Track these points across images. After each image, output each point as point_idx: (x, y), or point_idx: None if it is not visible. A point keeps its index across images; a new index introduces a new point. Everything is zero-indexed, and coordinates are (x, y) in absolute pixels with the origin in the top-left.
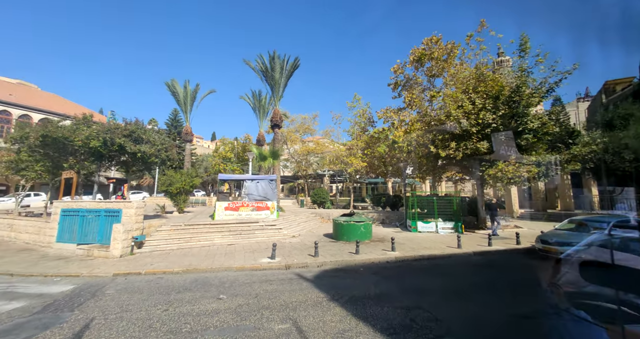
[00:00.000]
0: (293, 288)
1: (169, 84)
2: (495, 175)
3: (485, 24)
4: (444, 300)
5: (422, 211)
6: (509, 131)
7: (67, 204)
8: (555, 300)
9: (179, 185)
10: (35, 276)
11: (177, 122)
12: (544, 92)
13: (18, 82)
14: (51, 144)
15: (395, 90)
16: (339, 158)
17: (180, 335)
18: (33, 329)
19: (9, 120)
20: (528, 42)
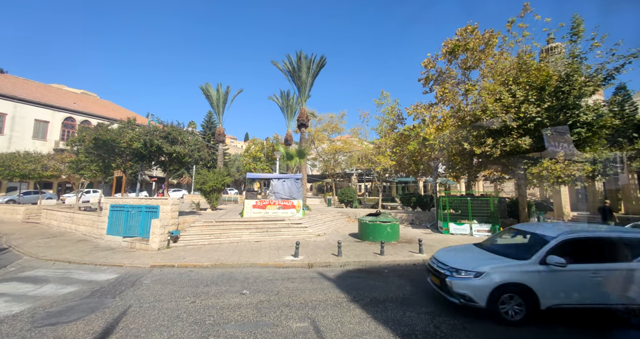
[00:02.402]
0: (314, 286)
1: (203, 88)
2: (540, 174)
3: (529, 8)
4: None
5: (455, 211)
6: (557, 125)
7: (115, 200)
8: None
9: (211, 183)
10: (88, 265)
11: (212, 123)
12: (600, 80)
13: (82, 91)
14: (102, 146)
15: (426, 85)
16: (366, 157)
17: (204, 327)
18: (81, 312)
19: (73, 126)
20: (581, 24)
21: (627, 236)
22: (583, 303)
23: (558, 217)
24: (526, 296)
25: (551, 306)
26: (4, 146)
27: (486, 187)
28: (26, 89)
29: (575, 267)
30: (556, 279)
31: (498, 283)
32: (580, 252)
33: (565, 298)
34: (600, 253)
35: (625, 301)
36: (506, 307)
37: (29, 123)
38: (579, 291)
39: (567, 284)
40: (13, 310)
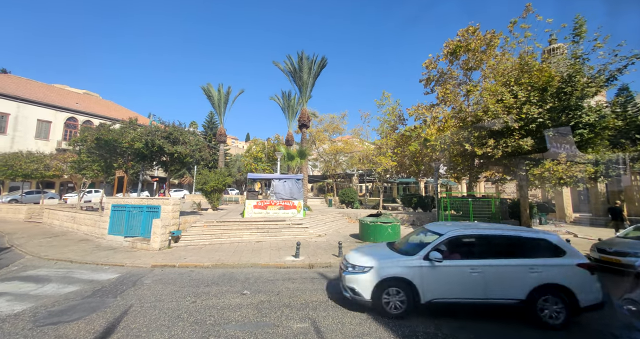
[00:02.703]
0: (315, 287)
1: (205, 88)
2: (542, 175)
3: (531, 9)
4: (475, 311)
5: (456, 213)
6: (559, 126)
7: (117, 200)
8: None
9: (212, 183)
10: (89, 264)
11: (213, 124)
12: (602, 81)
13: (84, 92)
14: (103, 146)
15: (427, 86)
16: (367, 157)
17: (204, 327)
18: (83, 312)
19: (75, 126)
20: (584, 25)
21: (507, 234)
22: (462, 297)
23: (560, 218)
24: (408, 290)
25: (431, 300)
26: (6, 145)
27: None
28: (29, 89)
29: (454, 263)
30: (436, 274)
31: (382, 277)
32: (466, 249)
33: (445, 292)
34: (482, 250)
35: (502, 296)
36: (389, 301)
37: (32, 123)
38: (458, 285)
39: (446, 279)
40: (15, 309)
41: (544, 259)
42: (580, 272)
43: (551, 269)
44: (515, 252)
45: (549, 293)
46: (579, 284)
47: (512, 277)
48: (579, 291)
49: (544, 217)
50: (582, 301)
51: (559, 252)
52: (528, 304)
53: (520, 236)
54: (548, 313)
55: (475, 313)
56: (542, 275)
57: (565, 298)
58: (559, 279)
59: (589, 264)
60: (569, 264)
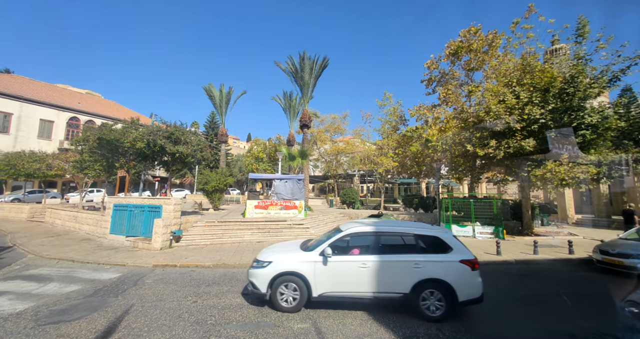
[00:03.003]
0: None
1: (207, 88)
2: (544, 176)
3: (533, 9)
4: (476, 311)
5: (457, 213)
6: (561, 127)
7: (118, 200)
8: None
9: (214, 183)
10: (91, 263)
11: (214, 124)
12: (605, 81)
13: (86, 91)
14: (105, 145)
15: (429, 86)
16: (369, 158)
17: (205, 327)
18: (84, 311)
19: (77, 125)
20: (587, 25)
21: (402, 231)
22: (352, 291)
23: (562, 220)
24: (302, 284)
25: (323, 293)
26: (9, 145)
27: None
28: (32, 89)
29: (346, 258)
30: (328, 269)
31: (278, 272)
32: (363, 245)
33: (336, 287)
34: (378, 246)
35: (388, 290)
36: (284, 295)
37: (35, 123)
38: (349, 280)
39: (337, 274)
40: (17, 308)
41: (430, 255)
42: (462, 268)
43: (435, 264)
44: (408, 248)
45: (431, 287)
46: (458, 279)
47: (398, 272)
48: (458, 286)
49: (545, 218)
50: (460, 295)
51: (446, 248)
52: (411, 297)
53: (414, 233)
54: (429, 306)
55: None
56: (426, 270)
57: (445, 292)
58: (441, 274)
59: (471, 261)
60: (452, 260)
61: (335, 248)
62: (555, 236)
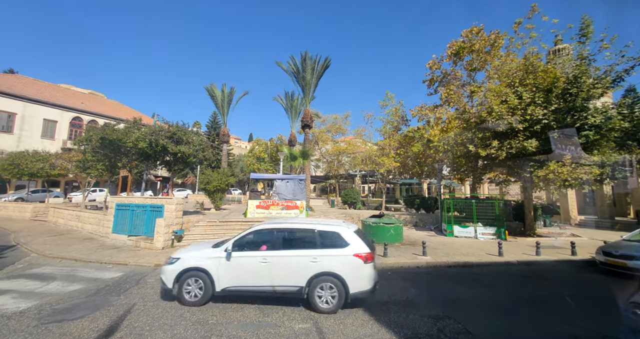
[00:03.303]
0: None
1: (209, 89)
2: (546, 177)
3: (536, 9)
4: (479, 312)
5: (459, 214)
6: (564, 128)
7: (121, 200)
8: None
9: (215, 183)
10: (93, 263)
11: (216, 124)
12: (609, 82)
13: (89, 92)
14: (108, 145)
15: (430, 86)
16: (370, 158)
17: (207, 326)
18: (87, 310)
19: (80, 125)
20: (590, 25)
21: (303, 227)
22: (252, 285)
23: (565, 221)
24: (206, 279)
25: (225, 288)
26: (13, 144)
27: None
28: (35, 89)
29: (248, 254)
30: (231, 265)
31: (184, 268)
32: (268, 241)
33: (237, 281)
34: (281, 241)
35: (286, 284)
36: (190, 290)
37: (38, 122)
38: (250, 274)
39: (239, 269)
40: (21, 306)
41: (327, 250)
42: (355, 261)
43: (330, 258)
44: (308, 243)
45: (326, 280)
46: (350, 272)
47: (296, 266)
48: (349, 279)
49: (548, 219)
50: (352, 287)
51: (344, 243)
52: (307, 290)
53: (316, 229)
54: (323, 298)
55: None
56: (322, 264)
57: (339, 284)
58: (334, 267)
59: (364, 254)
60: (346, 254)
61: (240, 245)
62: (558, 237)
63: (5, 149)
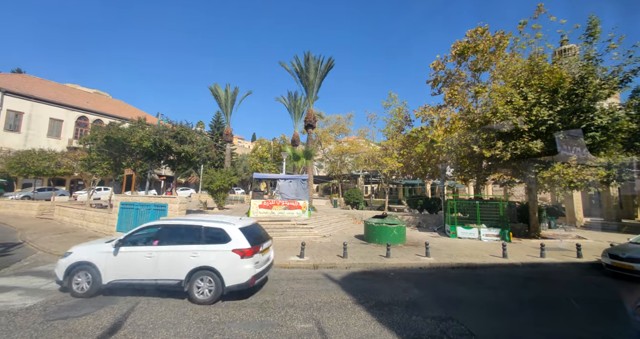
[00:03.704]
0: (319, 288)
1: (212, 88)
2: (552, 178)
3: (542, 9)
4: (482, 314)
5: (463, 215)
6: (570, 129)
7: (125, 198)
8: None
9: (218, 183)
10: None
11: (220, 123)
12: (616, 82)
13: (95, 91)
14: (113, 144)
15: (434, 87)
16: (373, 158)
17: (209, 325)
18: (91, 307)
19: (86, 124)
20: (598, 25)
21: (190, 224)
22: (137, 278)
23: (570, 222)
24: (94, 273)
25: (112, 281)
26: (20, 143)
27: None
28: (42, 89)
29: (134, 249)
30: (118, 259)
31: (74, 261)
32: (159, 237)
33: (123, 275)
34: (169, 237)
35: (167, 277)
36: (79, 282)
37: (44, 122)
38: (135, 269)
39: (126, 263)
40: (27, 303)
41: (208, 246)
42: (232, 256)
43: (210, 254)
44: (193, 239)
45: (204, 274)
46: (227, 266)
47: (177, 261)
48: (225, 273)
49: (553, 221)
50: (227, 281)
51: (226, 239)
52: (186, 283)
53: (202, 225)
54: (201, 290)
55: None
56: (201, 259)
57: (215, 278)
58: (212, 262)
59: (242, 250)
60: (225, 249)
61: (129, 240)
62: (563, 239)
63: (13, 147)
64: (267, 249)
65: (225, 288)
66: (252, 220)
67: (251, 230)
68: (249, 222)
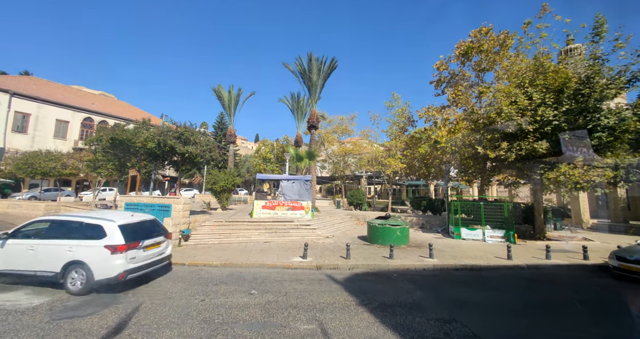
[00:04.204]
0: (322, 289)
1: (216, 89)
2: (557, 179)
3: (547, 8)
4: (486, 316)
5: (467, 216)
6: (576, 129)
7: (129, 199)
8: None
9: (222, 183)
10: None
11: (223, 124)
12: (623, 82)
13: (100, 93)
14: (118, 145)
15: (438, 87)
16: (376, 159)
17: (213, 325)
18: (96, 307)
19: (91, 125)
20: (605, 24)
21: (72, 219)
22: (20, 269)
23: (576, 224)
24: None
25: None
26: (27, 144)
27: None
28: (49, 91)
29: (18, 242)
30: (5, 251)
31: None
32: (46, 230)
33: (8, 265)
34: (54, 231)
35: (45, 269)
36: None
37: (51, 123)
38: (19, 260)
39: (10, 255)
40: (33, 303)
41: (84, 241)
42: (103, 252)
43: (83, 249)
44: (72, 234)
45: (77, 268)
46: (97, 261)
47: (54, 254)
48: (95, 267)
49: (559, 222)
50: (97, 275)
51: (102, 235)
52: (62, 276)
53: (83, 221)
54: (73, 283)
55: None
56: (75, 253)
57: (87, 271)
58: (84, 257)
59: (114, 246)
60: (99, 245)
61: (18, 234)
62: (569, 240)
63: (20, 148)
64: (153, 245)
65: (95, 281)
66: (143, 217)
67: (135, 227)
68: (137, 219)
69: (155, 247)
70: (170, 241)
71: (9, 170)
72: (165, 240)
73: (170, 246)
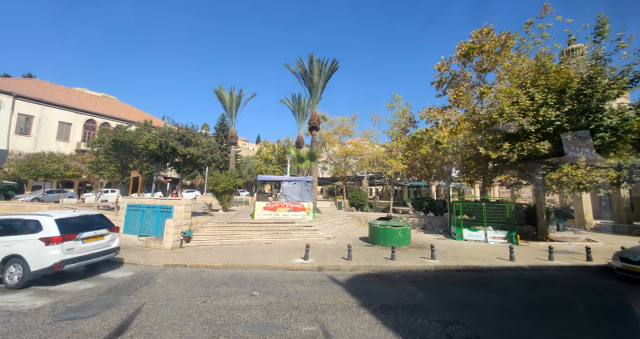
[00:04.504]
0: (324, 290)
1: (217, 91)
2: (560, 180)
3: (549, 8)
4: (489, 317)
5: (469, 217)
6: (578, 129)
7: (131, 200)
8: None
9: (223, 185)
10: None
11: (225, 126)
12: (626, 82)
13: (102, 95)
14: (120, 147)
15: (439, 88)
16: (378, 160)
17: (214, 327)
18: (98, 308)
19: (94, 127)
20: (607, 24)
21: (12, 217)
22: None
23: (579, 225)
24: None
25: None
26: (30, 146)
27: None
28: (52, 93)
29: None
30: None
31: None
32: None
33: None
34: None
35: None
36: None
37: (54, 125)
38: None
39: None
40: (36, 304)
41: (21, 236)
42: (38, 244)
43: (20, 243)
44: (11, 231)
45: (14, 262)
46: (32, 253)
47: None
48: (30, 259)
49: (561, 223)
50: (32, 266)
51: (38, 229)
52: (0, 271)
53: (22, 218)
54: (11, 277)
55: None
56: (12, 248)
57: (23, 264)
58: (21, 251)
59: (47, 238)
60: (34, 238)
61: None
62: (572, 242)
63: (23, 150)
64: (94, 237)
65: (30, 272)
66: (86, 212)
67: (74, 221)
68: (78, 214)
69: (96, 240)
70: (117, 234)
71: (12, 172)
72: (110, 233)
73: (117, 239)
